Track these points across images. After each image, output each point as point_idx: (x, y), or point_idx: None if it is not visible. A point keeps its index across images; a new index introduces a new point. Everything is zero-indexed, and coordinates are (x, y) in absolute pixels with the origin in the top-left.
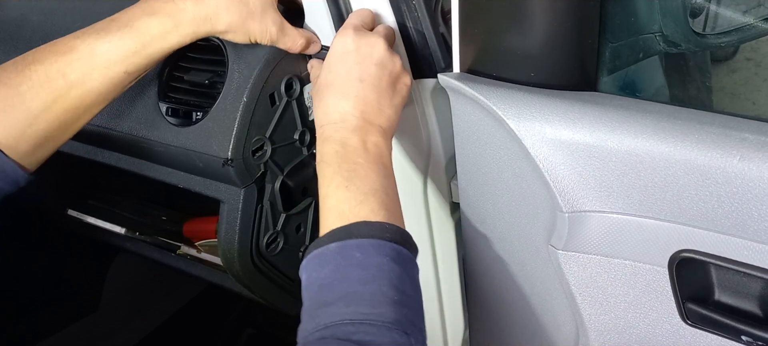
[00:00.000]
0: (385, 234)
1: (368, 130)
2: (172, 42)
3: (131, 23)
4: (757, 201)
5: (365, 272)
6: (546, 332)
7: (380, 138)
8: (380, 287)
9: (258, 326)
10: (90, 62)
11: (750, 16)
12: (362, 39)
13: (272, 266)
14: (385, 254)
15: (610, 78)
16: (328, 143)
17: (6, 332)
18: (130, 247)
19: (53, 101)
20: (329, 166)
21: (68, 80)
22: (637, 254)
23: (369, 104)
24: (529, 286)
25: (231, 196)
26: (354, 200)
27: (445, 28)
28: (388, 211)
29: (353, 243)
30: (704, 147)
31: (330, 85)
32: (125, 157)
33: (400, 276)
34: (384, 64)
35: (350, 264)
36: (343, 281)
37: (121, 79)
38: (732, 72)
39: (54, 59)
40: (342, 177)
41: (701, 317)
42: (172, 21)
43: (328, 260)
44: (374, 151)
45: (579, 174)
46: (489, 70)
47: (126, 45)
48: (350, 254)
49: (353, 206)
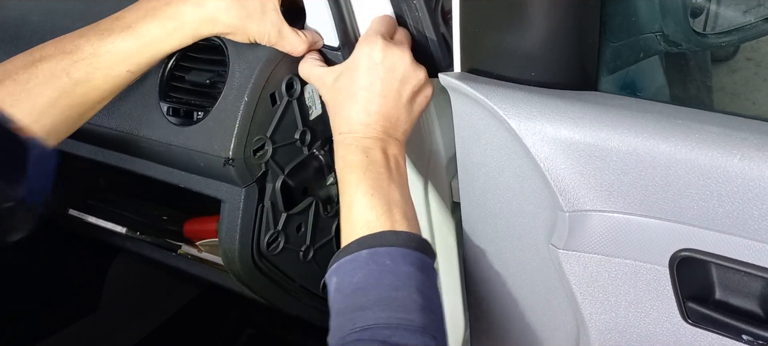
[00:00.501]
0: (411, 243)
1: (388, 142)
2: (173, 43)
3: (133, 25)
4: (758, 200)
5: (396, 279)
6: (547, 332)
7: (398, 150)
8: (410, 293)
9: (258, 326)
10: (93, 62)
11: (750, 16)
12: (388, 50)
13: (273, 266)
14: (412, 263)
15: (610, 78)
16: (350, 149)
17: (6, 332)
18: (130, 247)
19: (58, 98)
20: (353, 172)
21: (73, 79)
22: (638, 253)
23: (389, 120)
24: (529, 285)
25: (232, 195)
26: (380, 209)
27: (446, 27)
28: (409, 221)
29: (383, 251)
30: (705, 146)
31: (352, 96)
32: (126, 157)
33: (424, 283)
34: (407, 79)
35: (383, 271)
36: (377, 286)
37: (123, 77)
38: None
39: (60, 58)
40: (367, 185)
41: (702, 317)
42: (173, 23)
43: (361, 266)
44: (394, 163)
45: (580, 173)
46: (490, 69)
47: (128, 46)
48: (381, 261)
49: (380, 215)
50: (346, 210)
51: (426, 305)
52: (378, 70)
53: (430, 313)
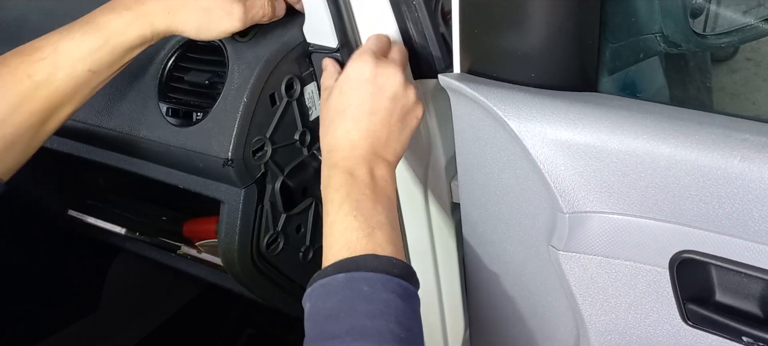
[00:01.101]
0: (393, 269)
1: (376, 162)
2: (133, 35)
3: (92, 20)
4: (758, 202)
5: (373, 307)
6: (546, 333)
7: (386, 171)
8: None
9: (258, 326)
10: (54, 61)
11: (750, 17)
12: (380, 68)
13: (272, 267)
14: (392, 290)
15: (610, 78)
16: (335, 170)
17: (6, 332)
18: (130, 247)
19: (20, 103)
20: (337, 192)
21: (34, 81)
22: (638, 254)
23: (378, 139)
24: (529, 286)
25: (231, 196)
26: (362, 231)
27: (446, 28)
28: (394, 245)
29: (361, 276)
30: (705, 148)
31: (341, 113)
32: (126, 158)
33: (405, 312)
34: (397, 98)
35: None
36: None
37: (86, 77)
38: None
39: (19, 61)
40: (350, 206)
41: (702, 318)
42: (130, 14)
43: (336, 291)
44: (381, 184)
45: (579, 175)
46: (489, 70)
47: (88, 41)
48: (358, 287)
49: (361, 237)
50: (327, 231)
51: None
52: (368, 88)
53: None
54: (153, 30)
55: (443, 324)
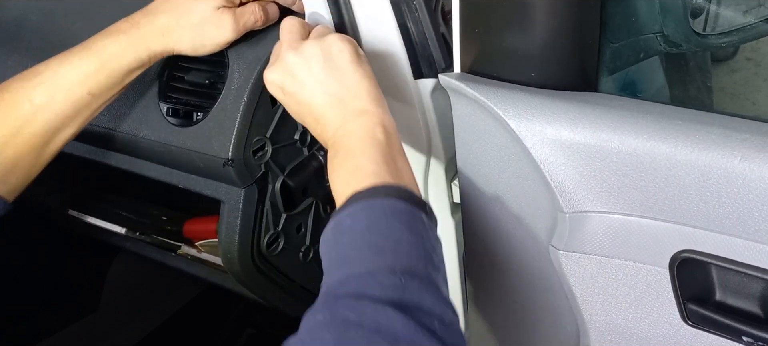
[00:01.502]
0: (421, 204)
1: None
2: (129, 59)
3: (90, 45)
4: (758, 201)
5: (411, 235)
6: (547, 333)
7: (365, 118)
8: (425, 247)
9: (258, 326)
10: (53, 85)
11: (750, 17)
12: (294, 50)
13: (273, 267)
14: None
15: (610, 78)
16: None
17: (6, 332)
18: (130, 247)
19: (21, 126)
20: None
21: (34, 104)
22: (638, 254)
23: (340, 101)
24: (529, 286)
25: (231, 196)
26: (387, 174)
27: (446, 28)
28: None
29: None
30: (705, 147)
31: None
32: (126, 157)
33: (437, 245)
34: (321, 54)
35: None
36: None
37: (85, 100)
38: (732, 72)
39: (20, 85)
40: (377, 154)
41: (702, 318)
42: (126, 39)
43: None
44: (382, 137)
45: (580, 174)
46: (490, 70)
47: (85, 65)
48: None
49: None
50: (350, 168)
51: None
52: (292, 95)
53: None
54: (149, 53)
55: None
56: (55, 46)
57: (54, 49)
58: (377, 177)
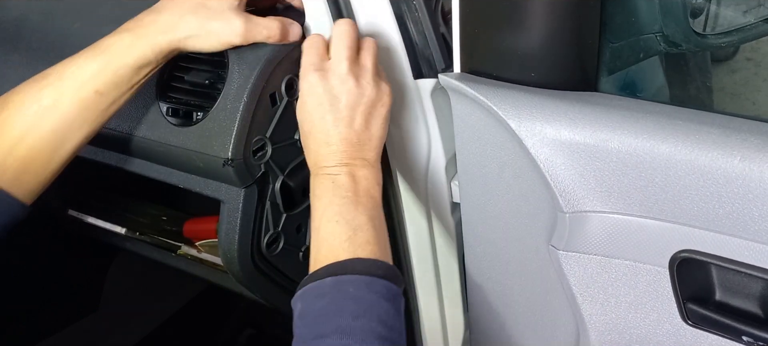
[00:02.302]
0: (376, 271)
1: (355, 165)
2: (135, 55)
3: (96, 45)
4: (758, 201)
5: (358, 307)
6: (546, 333)
7: (367, 170)
8: (370, 322)
9: (258, 326)
10: (60, 86)
11: (750, 16)
12: (325, 82)
13: (272, 267)
14: (376, 291)
15: (610, 78)
16: (318, 179)
17: (6, 332)
18: (130, 247)
19: (30, 127)
20: (320, 199)
21: (42, 105)
22: (638, 254)
23: (350, 144)
24: (529, 286)
25: (231, 196)
26: (343, 235)
27: (446, 28)
28: (377, 245)
29: (347, 279)
30: (705, 147)
31: (310, 133)
32: (125, 157)
33: (388, 312)
34: (355, 103)
35: (344, 298)
36: (338, 314)
37: (92, 99)
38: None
39: (29, 87)
40: (332, 212)
41: (702, 318)
42: (130, 35)
43: (324, 293)
44: (364, 184)
45: (579, 174)
46: (489, 70)
47: (90, 64)
48: (345, 289)
49: (343, 241)
50: (313, 237)
51: (386, 335)
52: (324, 105)
53: (389, 343)
54: (153, 49)
55: (443, 324)
56: (55, 46)
57: (54, 49)
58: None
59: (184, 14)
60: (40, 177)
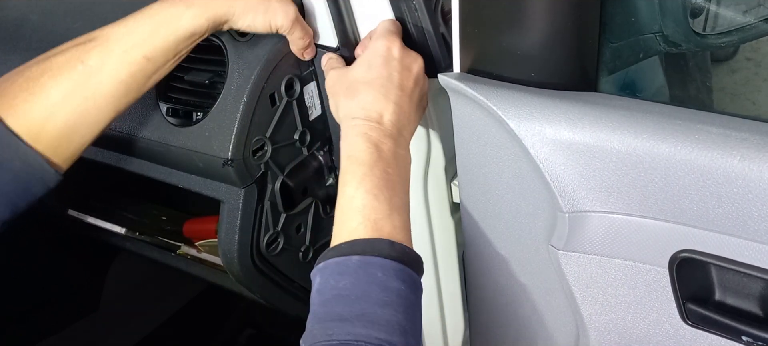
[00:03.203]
0: (405, 258)
1: (399, 140)
2: (186, 22)
3: (146, 10)
4: (758, 201)
5: (385, 295)
6: (546, 333)
7: (406, 151)
8: (396, 314)
9: (258, 326)
10: (107, 47)
11: (750, 16)
12: (405, 50)
13: (272, 267)
14: (403, 280)
15: (610, 78)
16: (361, 140)
17: (6, 332)
18: (130, 247)
19: (73, 89)
20: (361, 165)
21: (87, 66)
22: (638, 254)
23: (404, 114)
24: (529, 286)
25: (231, 196)
26: (381, 212)
27: (446, 28)
28: (407, 232)
29: (377, 261)
30: (705, 147)
31: (370, 84)
32: (125, 157)
33: (413, 305)
34: (419, 80)
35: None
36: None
37: (140, 64)
38: (732, 72)
39: (73, 49)
40: (372, 183)
41: (702, 318)
42: (184, 3)
43: (350, 272)
44: (403, 164)
45: (579, 174)
46: (489, 70)
47: (140, 28)
48: (372, 272)
49: (380, 218)
50: (344, 204)
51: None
52: (396, 65)
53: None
54: (208, 19)
55: (443, 324)
56: (55, 46)
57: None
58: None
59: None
60: (78, 144)
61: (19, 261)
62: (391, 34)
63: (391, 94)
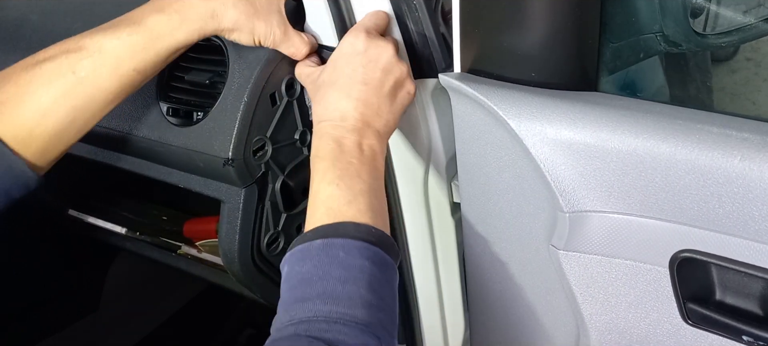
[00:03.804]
0: (370, 237)
1: (365, 132)
2: (179, 38)
3: (139, 20)
4: (758, 201)
5: (346, 272)
6: (547, 332)
7: (375, 141)
8: (358, 289)
9: (258, 326)
10: (99, 59)
11: (750, 16)
12: (371, 42)
13: (273, 267)
14: (368, 257)
15: (610, 78)
16: (324, 139)
17: (6, 332)
18: (130, 247)
19: (63, 97)
20: (323, 161)
21: (78, 77)
22: (638, 254)
23: (369, 107)
24: (529, 286)
25: (232, 196)
26: (343, 198)
27: (446, 28)
28: (375, 213)
29: (338, 242)
30: (705, 147)
31: (333, 84)
32: (126, 157)
33: (379, 281)
34: (390, 69)
35: (333, 262)
36: (324, 278)
37: (130, 77)
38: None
39: (64, 56)
40: (334, 175)
41: (702, 317)
42: (179, 17)
43: (311, 256)
44: (369, 153)
45: (580, 174)
46: (490, 70)
47: (134, 41)
48: (334, 252)
49: (342, 205)
50: (310, 200)
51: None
52: (360, 59)
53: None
54: (200, 34)
55: (444, 324)
56: None
57: None
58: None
59: (235, 5)
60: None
61: (19, 261)
62: (360, 29)
63: (353, 91)
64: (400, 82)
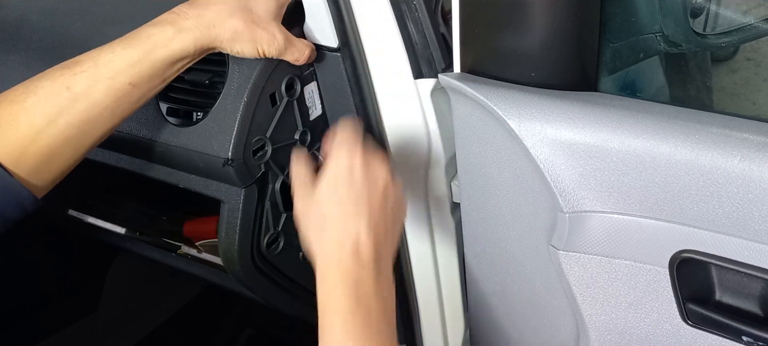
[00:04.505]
0: None
1: (380, 265)
2: (175, 49)
3: (134, 35)
4: (758, 201)
5: None
6: (546, 333)
7: (387, 274)
8: None
9: (258, 326)
10: (94, 73)
11: (750, 16)
12: (367, 165)
13: (273, 267)
14: None
15: (610, 78)
16: (340, 289)
17: (6, 332)
18: (130, 247)
19: (58, 114)
20: (338, 315)
21: (73, 93)
22: (638, 254)
23: (380, 234)
24: (529, 286)
25: (231, 196)
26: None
27: (446, 28)
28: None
29: None
30: (705, 147)
31: (339, 213)
32: (125, 157)
33: None
34: (388, 192)
35: None
36: None
37: (126, 91)
38: (732, 72)
39: (59, 73)
40: (355, 336)
41: (702, 318)
42: (173, 28)
43: None
44: (385, 294)
45: (579, 174)
46: (489, 70)
47: (128, 54)
48: None
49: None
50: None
51: None
52: (360, 181)
53: None
54: (196, 46)
55: (443, 324)
56: (55, 46)
57: (54, 49)
58: None
59: (232, 14)
60: (59, 170)
61: (19, 261)
62: (351, 149)
63: (362, 218)
64: (399, 202)
